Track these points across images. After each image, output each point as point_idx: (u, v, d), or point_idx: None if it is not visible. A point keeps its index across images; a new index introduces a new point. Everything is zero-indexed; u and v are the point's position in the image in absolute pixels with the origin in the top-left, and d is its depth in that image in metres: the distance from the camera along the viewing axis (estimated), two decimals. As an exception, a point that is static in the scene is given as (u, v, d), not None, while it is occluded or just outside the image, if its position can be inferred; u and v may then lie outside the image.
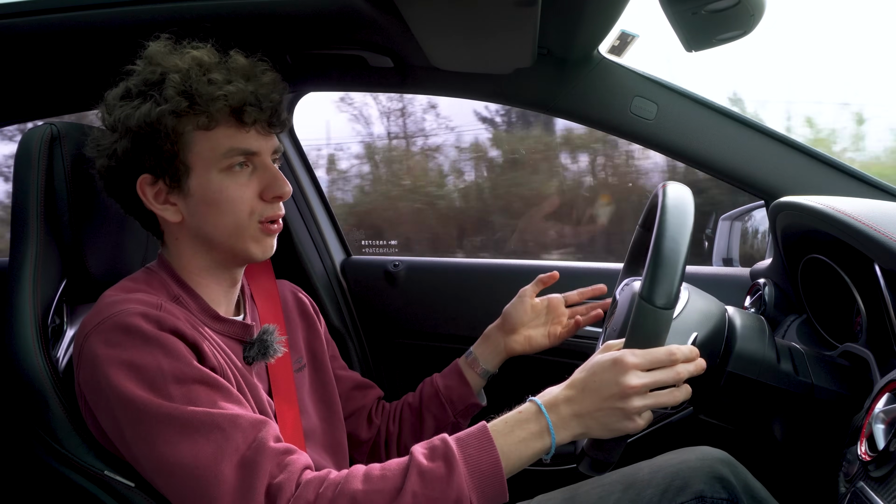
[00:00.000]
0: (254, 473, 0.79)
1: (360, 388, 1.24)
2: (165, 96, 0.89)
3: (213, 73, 0.91)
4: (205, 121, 0.90)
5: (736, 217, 1.79)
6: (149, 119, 0.89)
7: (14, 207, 1.00)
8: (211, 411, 0.81)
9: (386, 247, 2.52)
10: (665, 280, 0.81)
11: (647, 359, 0.82)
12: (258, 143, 0.94)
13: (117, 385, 0.81)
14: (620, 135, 1.35)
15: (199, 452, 0.79)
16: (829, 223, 0.94)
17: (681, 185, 0.92)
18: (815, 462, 0.98)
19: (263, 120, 0.93)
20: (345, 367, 1.25)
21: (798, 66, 3.16)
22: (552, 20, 1.10)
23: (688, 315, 0.92)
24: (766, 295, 1.25)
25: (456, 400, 1.20)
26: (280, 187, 0.94)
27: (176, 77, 0.89)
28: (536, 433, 0.83)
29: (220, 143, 0.91)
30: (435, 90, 1.48)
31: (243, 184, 0.93)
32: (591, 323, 1.23)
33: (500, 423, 0.84)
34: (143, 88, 0.91)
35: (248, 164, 0.94)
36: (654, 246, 0.83)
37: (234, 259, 0.97)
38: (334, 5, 1.14)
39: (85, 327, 0.86)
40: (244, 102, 0.91)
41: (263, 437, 0.82)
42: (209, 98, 0.89)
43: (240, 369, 0.95)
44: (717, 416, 1.03)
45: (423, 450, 0.82)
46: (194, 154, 0.91)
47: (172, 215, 0.94)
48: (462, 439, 0.83)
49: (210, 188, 0.92)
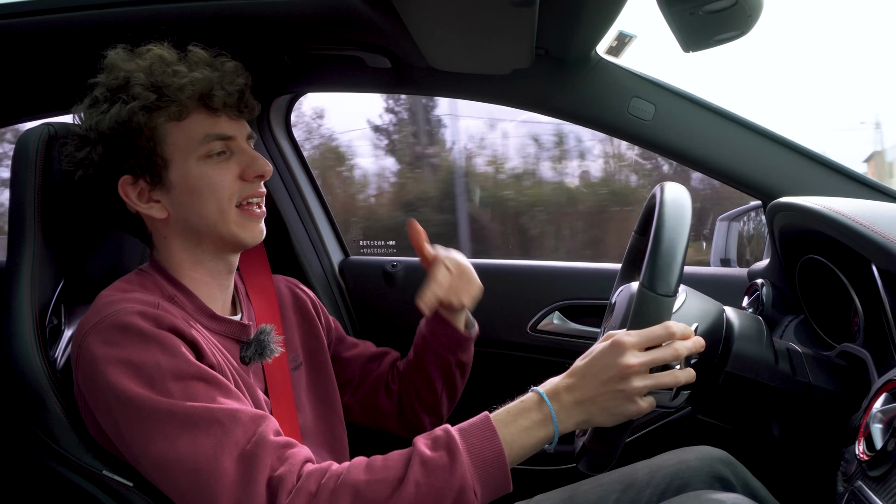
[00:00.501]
0: (254, 466, 0.79)
1: (374, 359, 1.23)
2: (133, 94, 0.91)
3: (177, 66, 0.93)
4: (176, 111, 0.91)
5: (733, 218, 1.79)
6: (120, 119, 0.90)
7: (11, 208, 0.99)
8: (210, 406, 0.81)
9: (384, 247, 2.52)
10: (666, 268, 0.82)
11: (644, 337, 0.82)
12: (231, 127, 0.96)
13: (116, 383, 0.81)
14: (618, 135, 1.35)
15: (199, 447, 0.79)
16: (826, 224, 0.94)
17: (678, 184, 0.93)
18: (813, 462, 0.98)
19: (232, 104, 0.95)
20: (355, 342, 1.24)
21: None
22: (550, 21, 1.11)
23: (685, 315, 0.92)
24: (763, 295, 1.25)
25: (447, 341, 1.15)
26: (261, 166, 0.96)
27: (140, 75, 0.91)
28: (539, 421, 0.82)
29: (194, 130, 0.93)
30: (432, 91, 1.48)
31: (223, 169, 0.94)
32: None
33: (502, 412, 0.84)
34: (108, 94, 0.93)
35: (226, 150, 0.95)
36: (655, 236, 0.84)
37: (225, 247, 0.98)
38: (332, 6, 1.14)
39: (83, 328, 0.86)
40: (211, 88, 0.92)
41: (263, 430, 0.82)
42: (176, 88, 0.91)
43: (236, 368, 0.95)
44: (715, 416, 1.03)
45: (426, 440, 0.82)
46: (170, 146, 0.93)
47: (158, 212, 0.95)
48: (464, 429, 0.82)
49: (190, 176, 0.93)
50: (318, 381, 1.13)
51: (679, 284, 0.83)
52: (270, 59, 1.34)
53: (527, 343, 1.57)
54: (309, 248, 1.71)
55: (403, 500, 0.77)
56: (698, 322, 0.93)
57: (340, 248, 1.81)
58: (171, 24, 1.00)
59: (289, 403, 1.03)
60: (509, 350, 1.58)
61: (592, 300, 1.54)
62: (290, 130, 1.70)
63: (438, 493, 0.78)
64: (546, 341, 1.56)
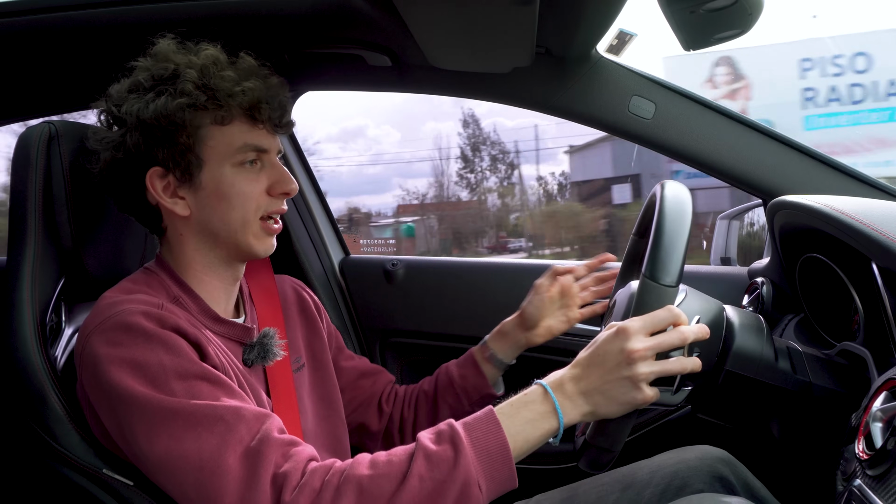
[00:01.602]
0: (259, 463, 0.78)
1: (367, 375, 1.23)
2: (182, 90, 0.91)
3: (228, 71, 0.94)
4: (221, 116, 0.92)
5: (734, 216, 1.79)
6: (165, 112, 0.90)
7: (12, 206, 1.00)
8: (214, 404, 0.81)
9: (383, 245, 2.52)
10: (668, 258, 0.82)
11: (648, 321, 0.82)
12: (268, 140, 0.97)
13: (119, 383, 0.81)
14: (618, 134, 1.35)
15: (202, 445, 0.79)
16: (826, 222, 0.94)
17: (677, 182, 0.94)
18: (812, 460, 0.98)
19: (274, 119, 0.96)
20: (351, 356, 1.24)
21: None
22: (550, 19, 1.11)
23: (685, 313, 0.92)
24: (763, 294, 1.25)
25: (471, 390, 1.18)
26: (288, 183, 0.97)
27: (192, 72, 0.92)
28: (543, 413, 0.82)
29: (234, 138, 0.94)
30: (433, 89, 1.48)
31: (253, 179, 0.95)
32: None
33: (505, 405, 0.83)
34: (153, 83, 0.93)
35: (258, 161, 0.96)
36: (656, 229, 0.85)
37: (238, 255, 0.98)
38: (332, 4, 1.14)
39: (86, 328, 0.87)
40: (259, 100, 0.94)
41: (267, 428, 0.82)
42: (227, 94, 0.92)
43: (240, 370, 0.95)
44: (715, 414, 1.03)
45: (430, 434, 0.81)
46: (208, 148, 0.93)
47: (181, 209, 0.95)
48: (468, 423, 0.82)
49: (223, 182, 0.93)
50: (321, 382, 1.13)
51: (681, 276, 0.83)
52: (270, 58, 1.34)
53: None
54: (309, 247, 1.71)
55: (407, 494, 0.77)
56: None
57: (341, 247, 1.81)
58: (171, 23, 1.00)
59: (291, 405, 1.03)
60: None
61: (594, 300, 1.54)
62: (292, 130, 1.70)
63: (443, 486, 0.77)
64: (547, 340, 1.56)
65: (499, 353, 1.20)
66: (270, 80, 0.98)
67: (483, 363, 1.20)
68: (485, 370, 1.19)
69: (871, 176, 1.28)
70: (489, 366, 1.20)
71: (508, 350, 1.20)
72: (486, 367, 1.20)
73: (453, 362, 1.22)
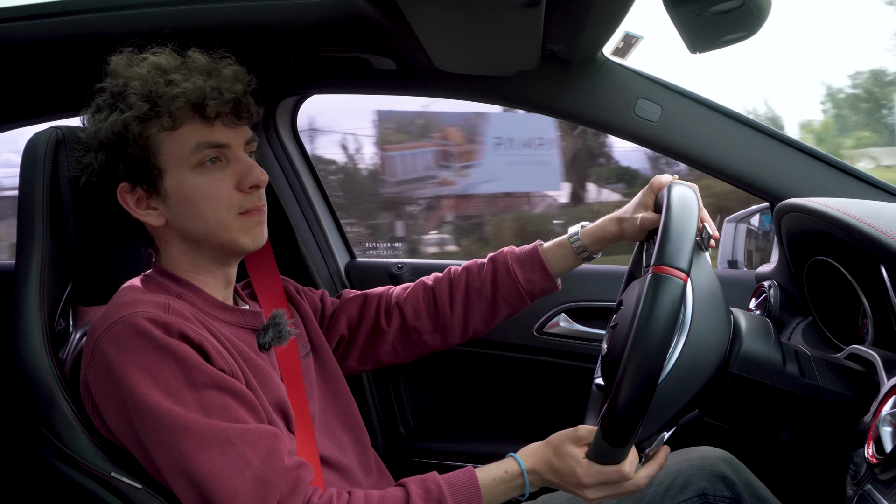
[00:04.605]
0: (267, 493, 0.84)
1: (363, 307, 1.22)
2: (129, 104, 0.91)
3: (172, 75, 0.92)
4: (168, 121, 0.91)
5: (741, 219, 1.78)
6: (115, 129, 0.91)
7: (20, 211, 1.00)
8: (224, 425, 0.85)
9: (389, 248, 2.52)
10: (677, 249, 0.82)
11: (598, 480, 0.89)
12: (226, 135, 0.94)
13: (134, 390, 0.84)
14: (624, 137, 1.35)
15: (213, 466, 0.83)
16: (834, 225, 0.94)
17: (684, 183, 0.95)
18: (821, 465, 0.97)
19: (227, 112, 0.93)
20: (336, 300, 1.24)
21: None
22: (556, 22, 1.10)
23: (694, 342, 0.92)
24: (771, 297, 1.25)
25: (537, 292, 1.18)
26: (256, 176, 0.95)
27: (136, 84, 0.91)
28: (515, 487, 0.94)
29: (186, 140, 0.92)
30: (438, 92, 1.48)
31: (218, 178, 0.94)
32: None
33: (488, 479, 0.92)
34: (109, 101, 0.94)
35: (221, 158, 0.95)
36: (664, 221, 0.86)
37: (226, 253, 0.98)
38: (338, 8, 1.14)
39: (95, 330, 0.88)
40: (203, 97, 0.91)
41: (275, 451, 0.86)
42: (169, 98, 0.91)
43: (252, 360, 0.95)
44: (722, 418, 1.02)
45: (419, 490, 0.89)
46: (164, 156, 0.93)
47: (155, 219, 0.95)
48: (454, 485, 0.90)
49: (185, 187, 0.93)
50: (325, 366, 1.15)
51: (691, 265, 0.82)
52: (276, 61, 1.34)
53: (533, 345, 1.57)
54: (315, 251, 1.71)
55: None
56: (703, 327, 0.91)
57: (347, 251, 1.82)
58: (177, 28, 1.00)
59: (300, 390, 1.05)
60: (515, 352, 1.58)
61: (599, 302, 1.54)
62: (297, 132, 1.71)
63: None
64: (552, 343, 1.55)
65: (590, 246, 1.16)
66: (221, 74, 0.95)
67: (556, 259, 1.16)
68: (556, 268, 1.16)
69: (879, 178, 1.27)
70: (572, 258, 1.16)
71: (599, 244, 1.16)
72: (558, 263, 1.16)
73: (511, 259, 1.17)
